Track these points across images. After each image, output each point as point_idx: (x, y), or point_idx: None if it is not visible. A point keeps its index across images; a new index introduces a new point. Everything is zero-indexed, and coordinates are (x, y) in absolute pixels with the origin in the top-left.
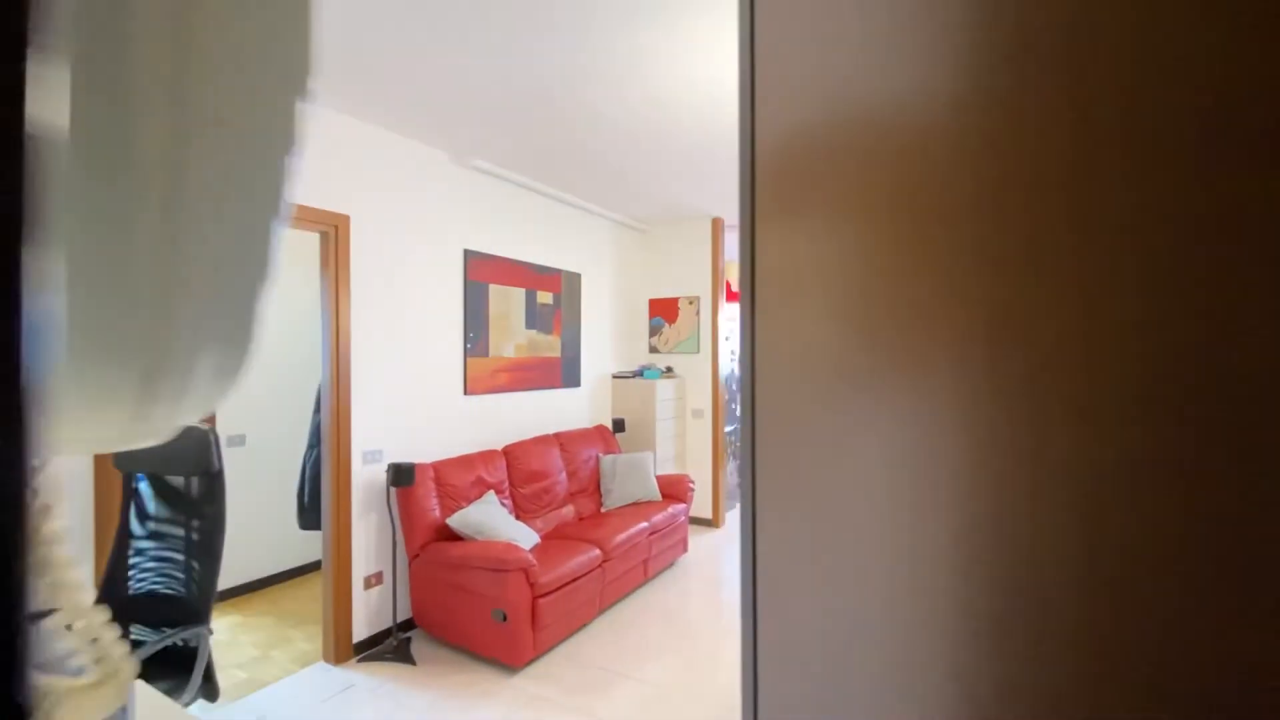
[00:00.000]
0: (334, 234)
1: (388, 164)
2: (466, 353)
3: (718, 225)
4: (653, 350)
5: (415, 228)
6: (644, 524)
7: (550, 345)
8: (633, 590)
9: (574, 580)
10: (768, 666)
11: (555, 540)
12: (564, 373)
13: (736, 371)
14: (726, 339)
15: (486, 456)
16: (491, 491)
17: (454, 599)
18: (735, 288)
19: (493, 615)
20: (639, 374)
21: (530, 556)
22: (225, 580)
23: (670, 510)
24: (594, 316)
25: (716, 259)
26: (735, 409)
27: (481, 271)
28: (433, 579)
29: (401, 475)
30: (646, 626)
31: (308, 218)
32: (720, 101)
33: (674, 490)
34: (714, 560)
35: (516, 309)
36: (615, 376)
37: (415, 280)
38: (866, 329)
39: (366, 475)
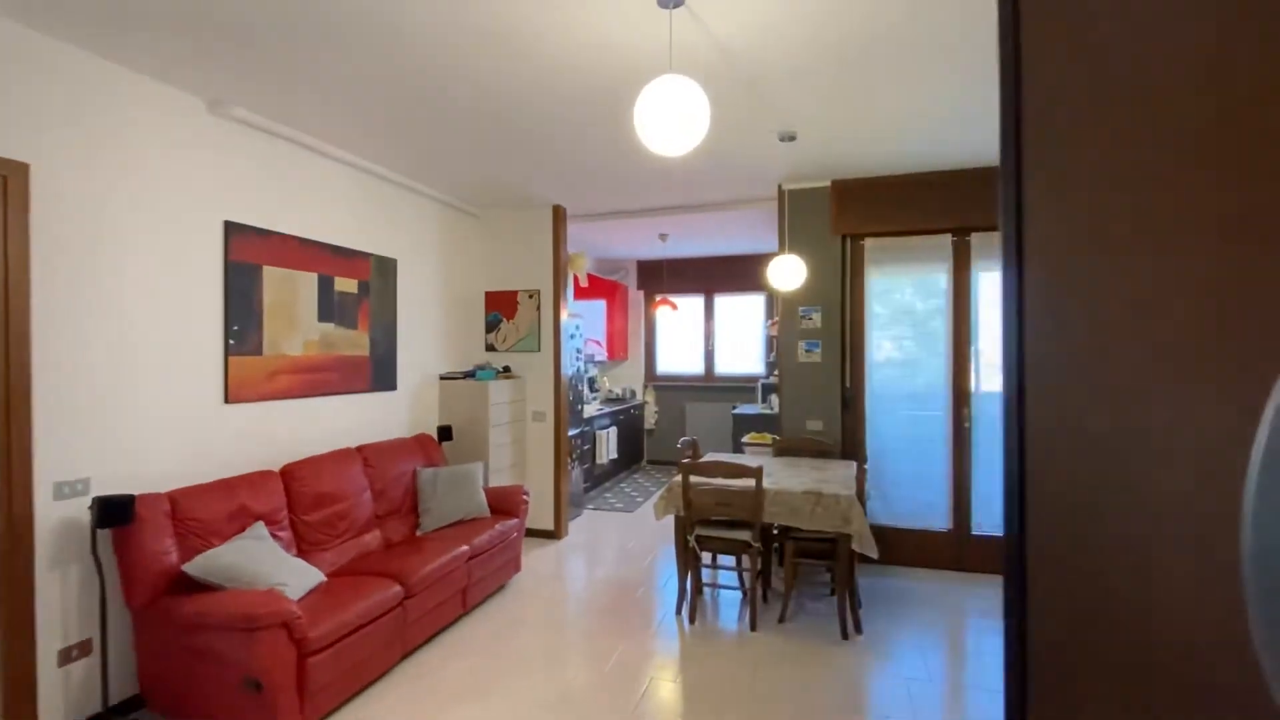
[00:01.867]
0: (0, 188)
1: (97, 101)
2: (229, 351)
3: (560, 215)
4: (490, 348)
5: (145, 189)
6: (462, 548)
7: (354, 342)
8: (449, 626)
9: (361, 627)
10: None
11: (348, 577)
12: (374, 374)
13: (584, 369)
14: (572, 336)
15: (256, 479)
16: (260, 523)
17: (193, 667)
18: (582, 282)
19: (244, 685)
20: (471, 375)
21: (293, 606)
22: None
23: (499, 527)
24: (415, 309)
25: (559, 251)
26: (581, 409)
27: (252, 251)
28: (164, 644)
29: (113, 512)
30: (461, 668)
31: None
32: (572, 85)
33: (505, 504)
34: (554, 576)
35: (306, 298)
36: (443, 378)
37: (144, 257)
38: None
39: (61, 514)
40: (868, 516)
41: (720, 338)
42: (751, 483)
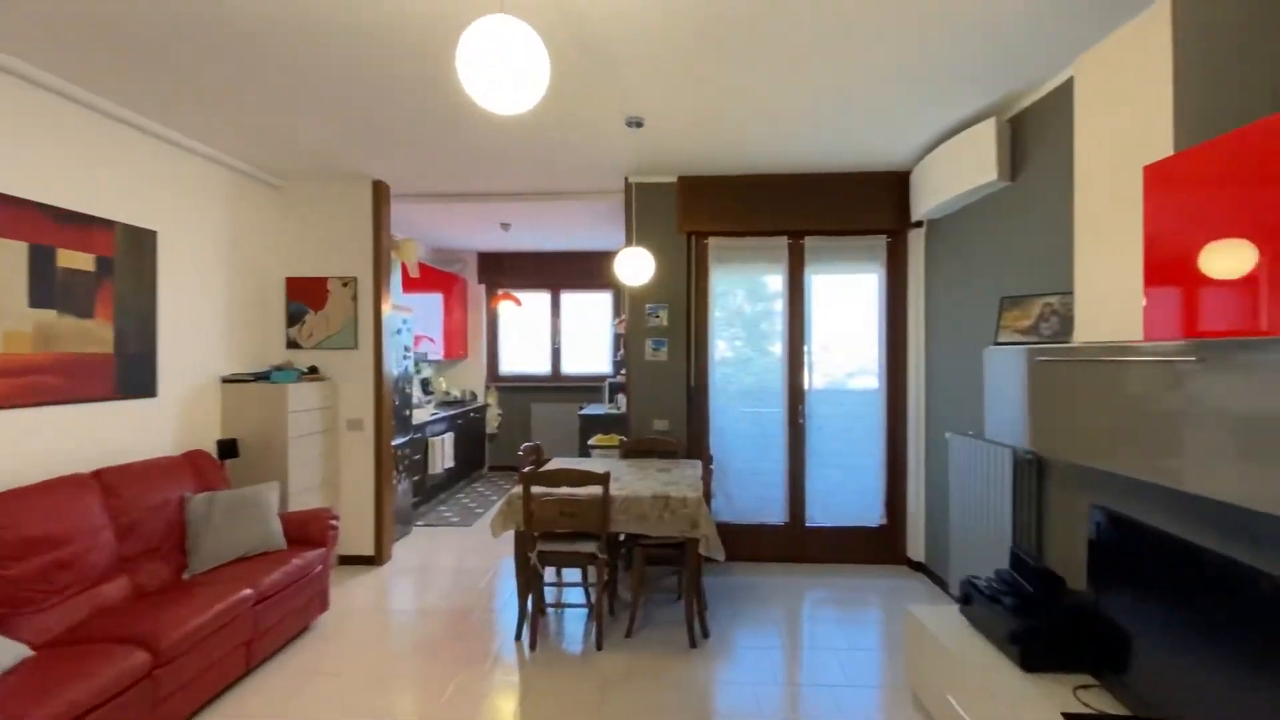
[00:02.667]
0: None
1: None
2: None
3: (382, 192)
4: (293, 345)
5: None
6: (244, 591)
7: (89, 335)
8: (229, 688)
9: (84, 716)
10: None
11: (67, 648)
12: (121, 376)
13: (414, 370)
14: (398, 332)
15: None
16: None
17: None
18: (413, 272)
19: None
20: (265, 377)
21: None
22: None
23: (297, 561)
24: (186, 295)
25: (380, 233)
26: (410, 415)
27: None
28: None
29: None
30: None
31: None
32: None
33: (307, 532)
34: (373, 610)
35: (9, 275)
36: (228, 381)
37: None
38: None
39: None
40: (712, 515)
41: (567, 336)
42: (599, 490)
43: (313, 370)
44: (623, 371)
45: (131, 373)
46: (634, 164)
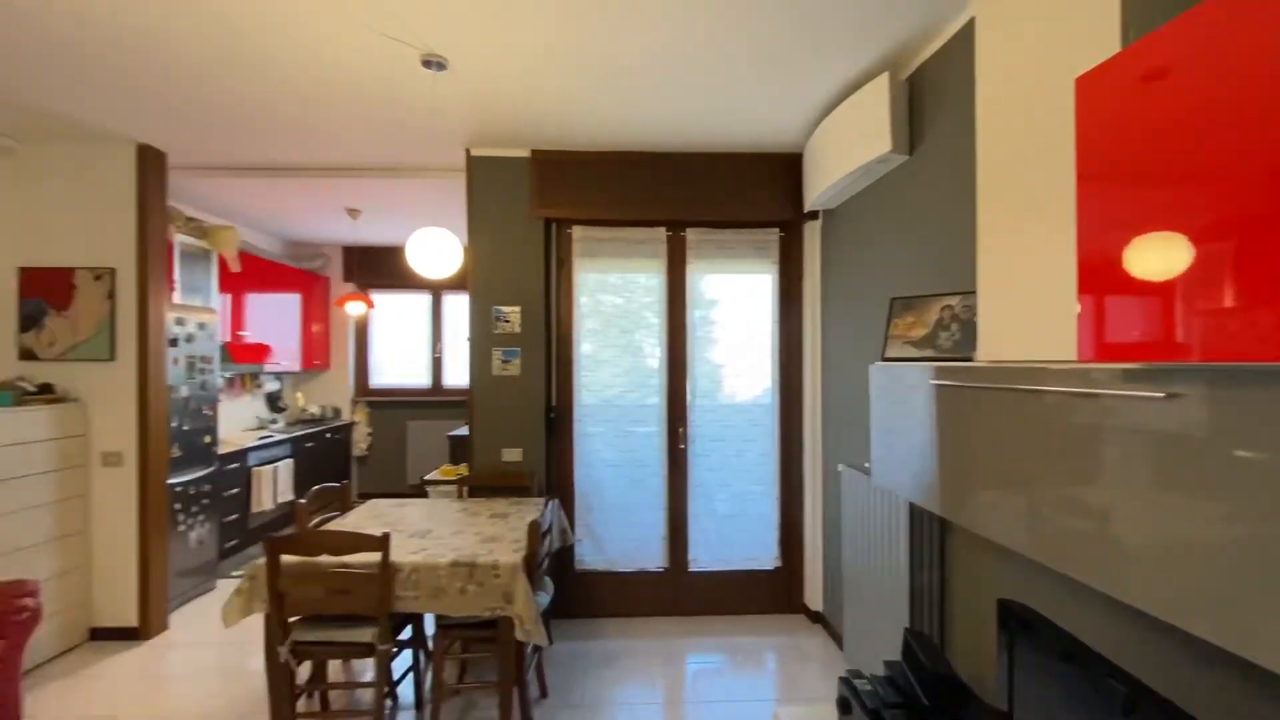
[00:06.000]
0: None
1: None
2: None
3: (151, 159)
4: (28, 356)
5: None
6: None
7: None
8: None
9: None
10: None
11: None
12: None
13: (217, 383)
14: (189, 339)
15: None
16: None
17: None
18: (233, 266)
19: None
20: None
21: None
22: None
23: None
24: None
25: (149, 211)
26: (212, 442)
27: None
28: None
29: None
30: None
31: None
32: None
33: None
34: (121, 711)
35: None
36: None
37: None
38: None
39: None
40: (576, 561)
41: (451, 343)
42: (377, 558)
43: (47, 389)
44: None
45: None
46: (473, 133)
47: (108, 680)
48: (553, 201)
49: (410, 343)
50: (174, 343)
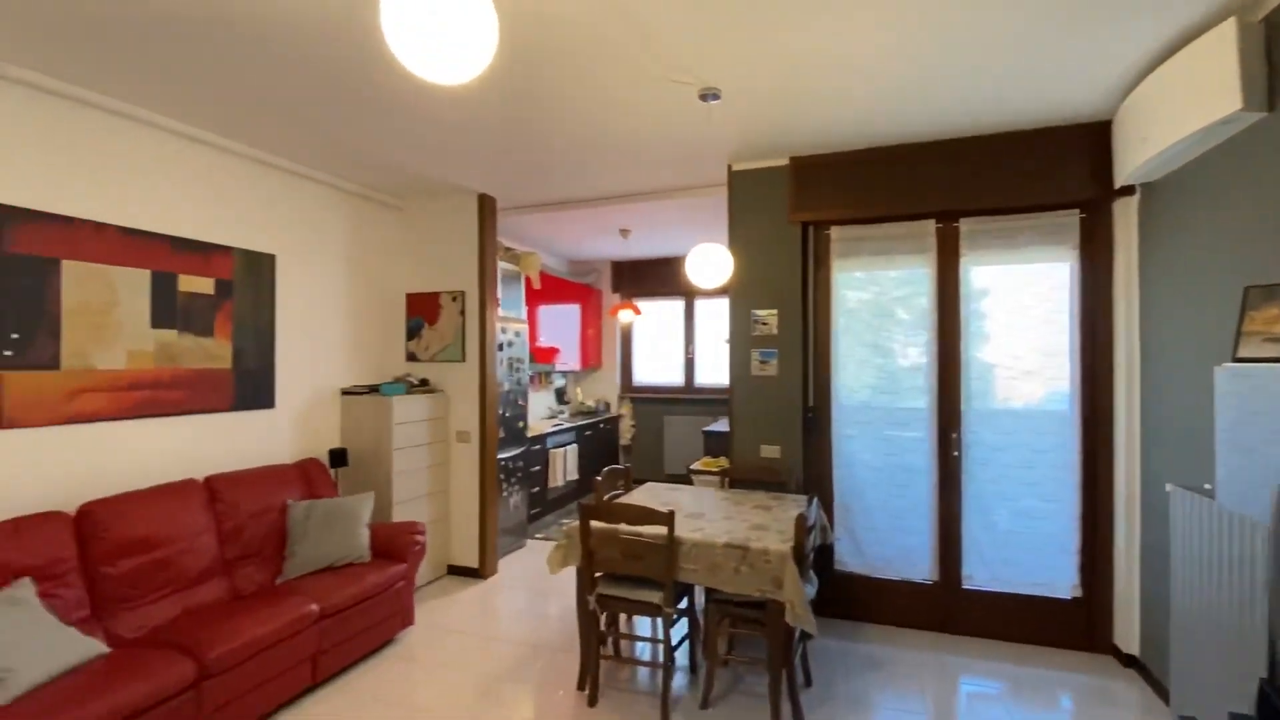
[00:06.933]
0: None
1: None
2: (3, 364)
3: (488, 205)
4: (411, 358)
5: None
6: (310, 607)
7: (209, 352)
8: (289, 703)
9: None
10: None
11: (138, 650)
12: (239, 390)
13: (523, 382)
14: (510, 344)
15: (25, 526)
16: (25, 580)
17: None
18: (535, 284)
19: None
20: (375, 389)
21: None
22: None
23: (374, 578)
24: (304, 313)
25: (486, 246)
26: (524, 427)
27: (44, 241)
28: None
29: None
30: None
31: None
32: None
33: (393, 545)
34: (456, 631)
35: (133, 300)
36: (346, 393)
37: None
38: None
39: None
40: (836, 561)
41: (702, 345)
42: (665, 531)
43: (424, 383)
44: None
45: (249, 386)
46: (736, 149)
47: (461, 604)
48: (810, 205)
49: (666, 345)
50: (500, 348)
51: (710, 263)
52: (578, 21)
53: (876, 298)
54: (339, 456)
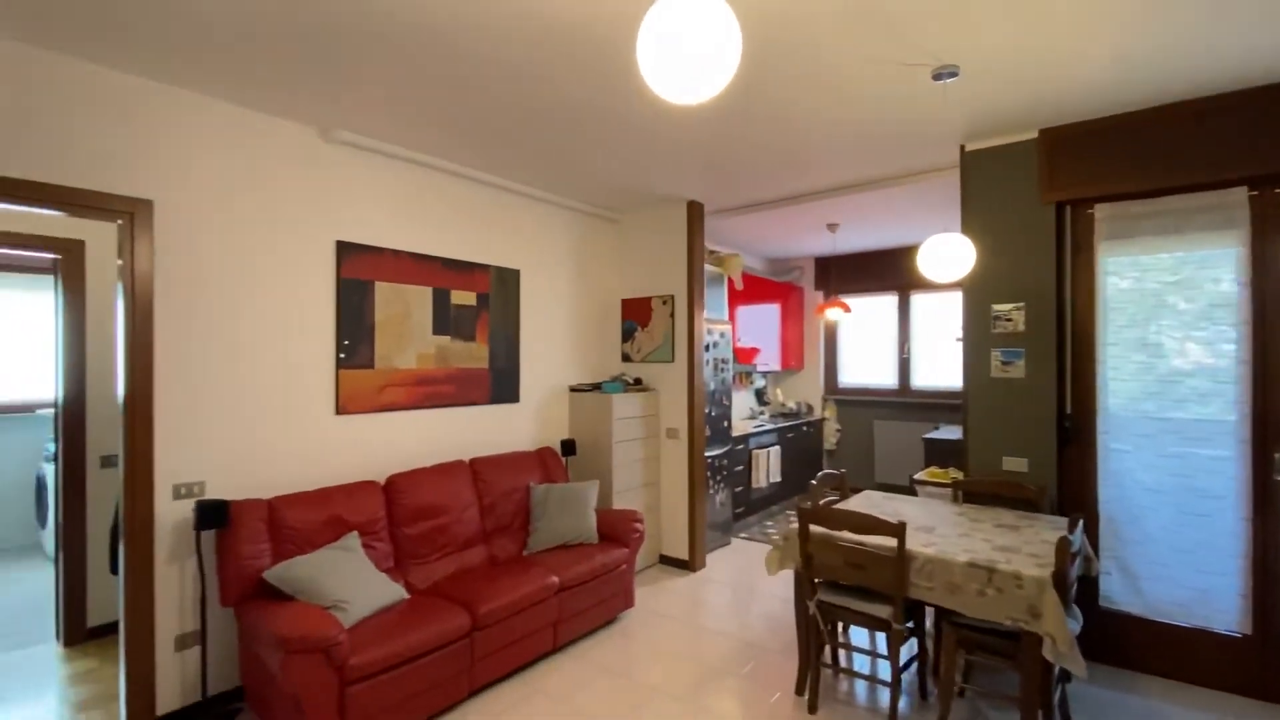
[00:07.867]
0: (129, 223)
1: (221, 139)
2: (340, 365)
3: (695, 211)
4: (626, 359)
5: (257, 216)
6: (551, 579)
7: (472, 354)
8: (533, 662)
9: (414, 659)
10: None
11: (430, 599)
12: (494, 386)
13: (726, 383)
14: (715, 345)
15: (355, 490)
16: (354, 534)
17: (266, 671)
18: (738, 285)
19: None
20: (597, 388)
21: (333, 631)
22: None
23: (601, 558)
24: (541, 320)
25: (694, 250)
26: (729, 426)
27: (363, 268)
28: (248, 645)
29: (209, 515)
30: (533, 715)
31: (80, 202)
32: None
33: (616, 531)
34: (671, 618)
35: (420, 312)
36: (573, 390)
37: (260, 279)
38: None
39: (178, 514)
40: (1102, 597)
41: (918, 344)
42: (893, 542)
43: (638, 382)
44: None
45: (500, 383)
46: (970, 126)
47: (673, 593)
48: (1068, 181)
49: (876, 344)
50: (706, 348)
51: (948, 254)
52: (818, 17)
53: (1158, 285)
54: (569, 446)
